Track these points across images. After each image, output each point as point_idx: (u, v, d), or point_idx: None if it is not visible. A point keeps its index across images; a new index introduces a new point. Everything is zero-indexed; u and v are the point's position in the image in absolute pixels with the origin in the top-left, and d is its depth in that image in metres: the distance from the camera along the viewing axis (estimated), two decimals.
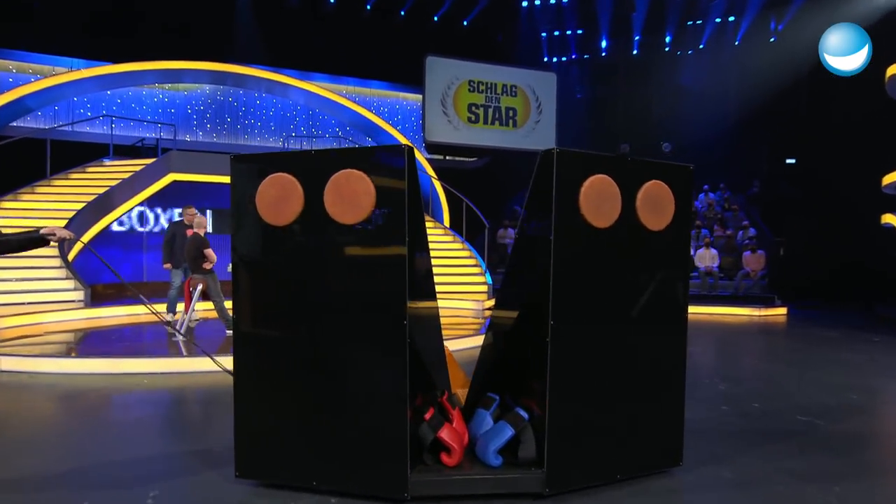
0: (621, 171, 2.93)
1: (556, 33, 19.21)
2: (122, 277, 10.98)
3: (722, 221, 14.47)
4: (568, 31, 19.09)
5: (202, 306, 7.23)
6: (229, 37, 15.71)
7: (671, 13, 17.64)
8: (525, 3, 18.70)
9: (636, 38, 18.49)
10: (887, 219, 10.93)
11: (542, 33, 19.20)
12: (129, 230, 11.96)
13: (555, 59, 19.46)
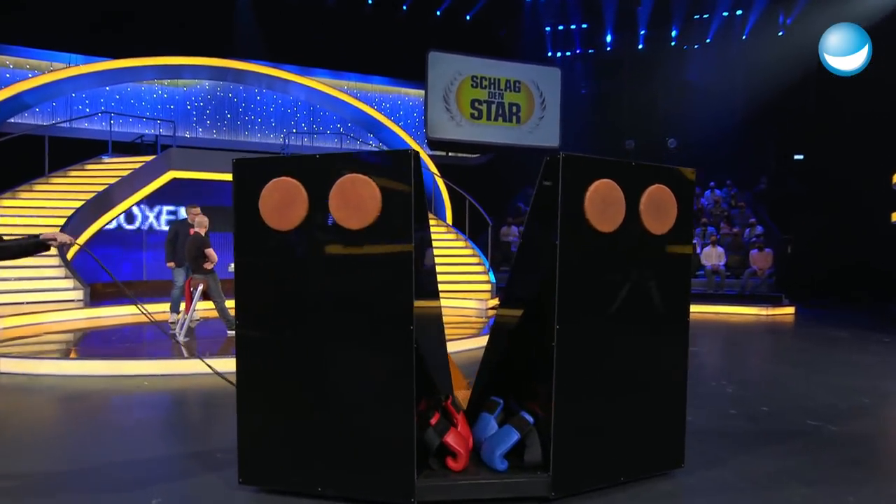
0: (625, 176, 2.96)
1: (561, 27, 19.03)
2: (121, 279, 11.14)
3: (729, 219, 14.30)
4: (572, 26, 18.90)
5: (203, 306, 7.16)
6: (229, 32, 15.56)
7: (677, 7, 17.44)
8: None
9: (642, 32, 18.28)
10: None
11: (546, 27, 19.02)
12: (129, 228, 11.86)
13: (559, 54, 19.26)
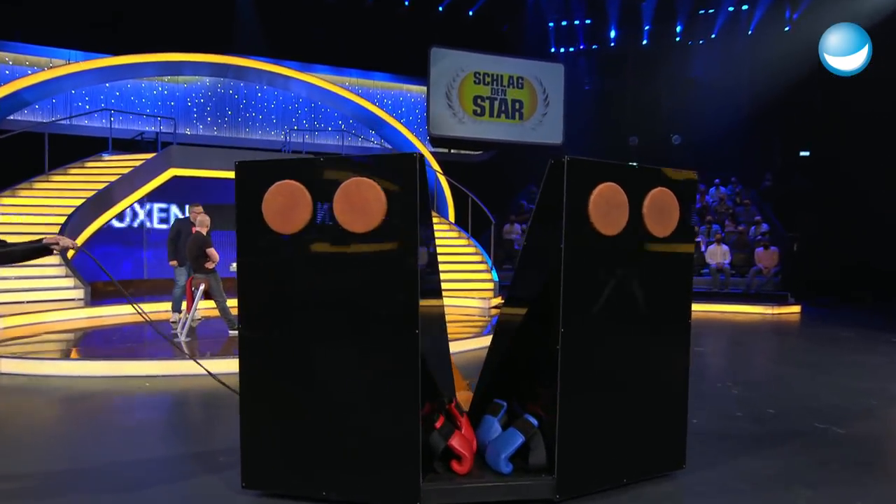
0: (628, 179, 2.99)
1: (564, 23, 18.85)
2: (121, 277, 11.08)
3: (733, 216, 14.17)
4: (576, 21, 18.72)
5: (204, 305, 7.15)
6: (230, 28, 15.45)
7: (682, 2, 17.26)
8: None
9: (646, 27, 18.11)
10: None
11: (550, 23, 18.85)
12: (129, 226, 11.80)
13: (562, 50, 19.10)
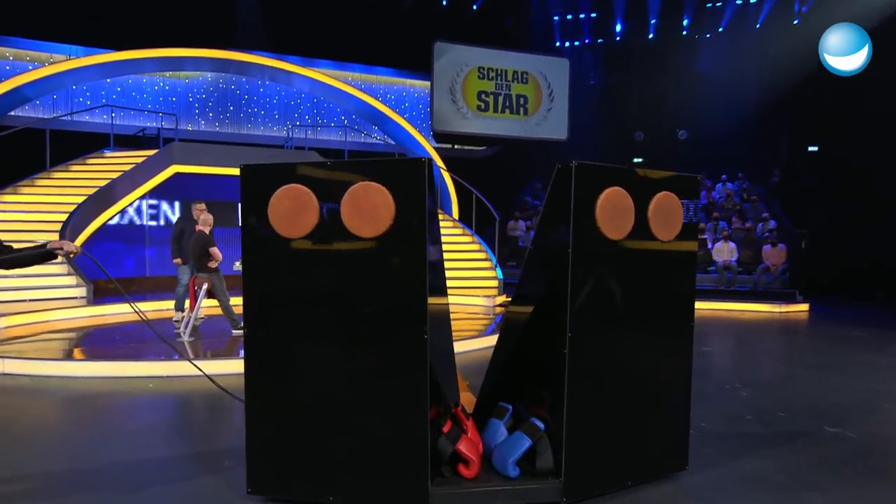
0: (634, 183, 3.02)
1: (569, 17, 18.66)
2: (124, 275, 11.01)
3: (741, 213, 14.00)
4: (581, 15, 18.52)
5: (208, 304, 7.14)
6: (231, 22, 15.31)
7: None
8: None
9: (652, 21, 17.89)
10: None
11: (555, 17, 18.66)
12: (131, 224, 11.72)
13: (567, 44, 18.90)
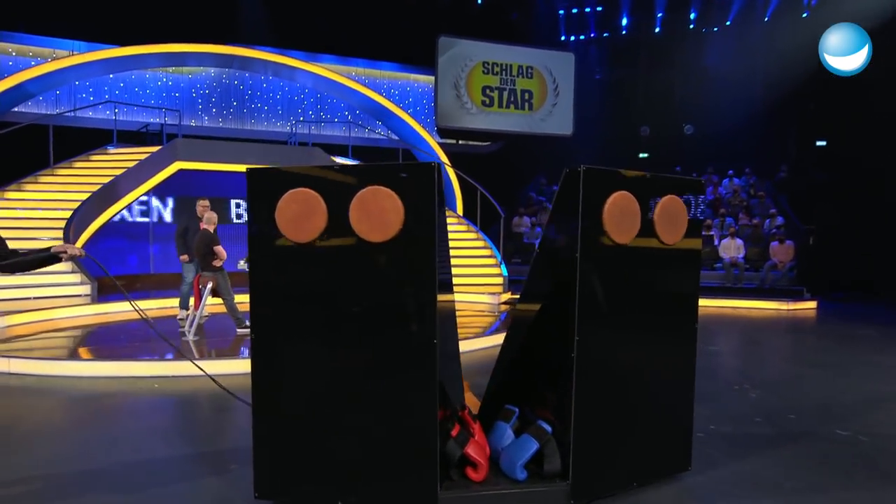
0: (640, 187, 3.04)
1: (574, 10, 18.49)
2: (128, 272, 10.99)
3: (748, 209, 13.88)
4: (587, 9, 18.35)
5: (212, 302, 7.16)
6: (234, 17, 15.21)
7: None
8: None
9: (658, 14, 17.74)
10: None
11: (560, 11, 18.49)
12: (135, 220, 11.70)
13: (572, 38, 18.75)
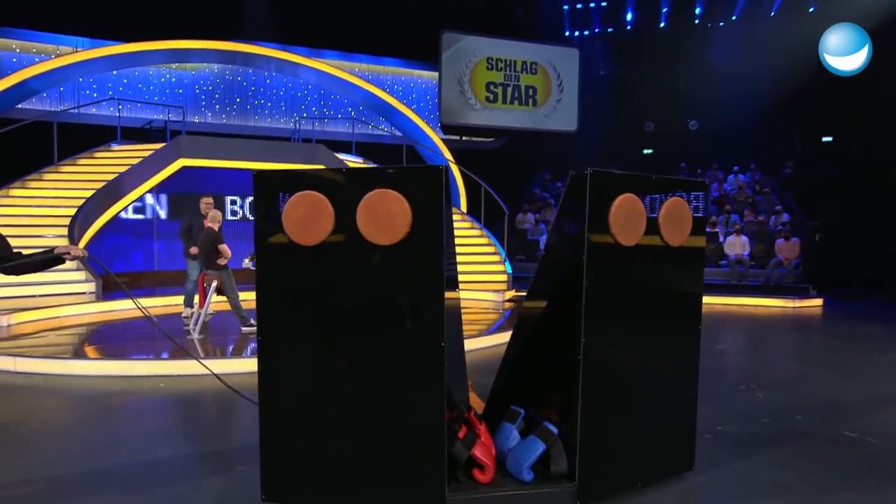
0: (645, 189, 3.07)
1: (579, 6, 18.41)
2: (132, 269, 11.00)
3: (753, 206, 13.80)
4: (591, 4, 18.27)
5: (217, 299, 7.12)
6: (238, 14, 15.18)
7: None
8: None
9: (664, 9, 17.64)
10: None
11: (564, 6, 18.41)
12: (140, 217, 11.70)
13: (577, 34, 18.66)
